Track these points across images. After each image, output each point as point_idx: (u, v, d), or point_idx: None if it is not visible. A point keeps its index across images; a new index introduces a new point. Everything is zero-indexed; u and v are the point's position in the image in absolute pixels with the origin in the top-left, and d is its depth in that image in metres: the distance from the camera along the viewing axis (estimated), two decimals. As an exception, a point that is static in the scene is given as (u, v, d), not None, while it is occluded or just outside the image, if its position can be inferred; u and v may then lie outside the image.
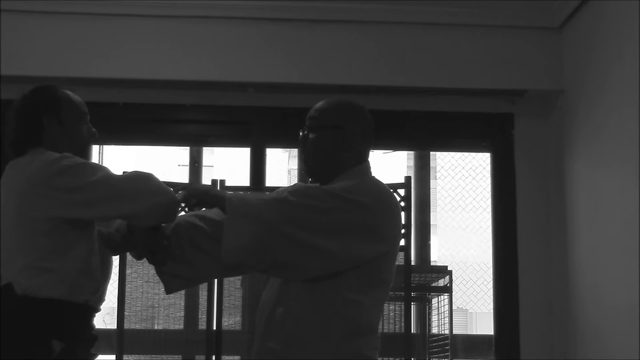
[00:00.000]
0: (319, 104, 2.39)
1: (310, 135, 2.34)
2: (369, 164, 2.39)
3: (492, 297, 4.37)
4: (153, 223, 2.36)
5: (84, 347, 2.35)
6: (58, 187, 2.24)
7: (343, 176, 2.32)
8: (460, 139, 4.53)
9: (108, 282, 2.49)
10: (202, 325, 3.94)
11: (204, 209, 2.45)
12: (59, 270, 2.24)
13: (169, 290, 2.50)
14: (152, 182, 2.31)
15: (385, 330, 3.85)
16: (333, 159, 2.33)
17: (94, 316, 2.41)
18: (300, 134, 2.38)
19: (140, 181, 2.30)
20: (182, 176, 6.43)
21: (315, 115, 2.36)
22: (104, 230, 2.45)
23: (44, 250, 2.25)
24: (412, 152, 4.84)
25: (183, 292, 4.09)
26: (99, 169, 2.32)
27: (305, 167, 2.40)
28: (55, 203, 2.24)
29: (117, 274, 3.67)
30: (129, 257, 3.29)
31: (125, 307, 3.81)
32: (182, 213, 2.58)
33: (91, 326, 2.40)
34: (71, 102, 2.45)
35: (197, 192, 2.33)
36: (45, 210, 2.24)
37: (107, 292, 2.59)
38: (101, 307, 2.46)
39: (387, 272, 2.30)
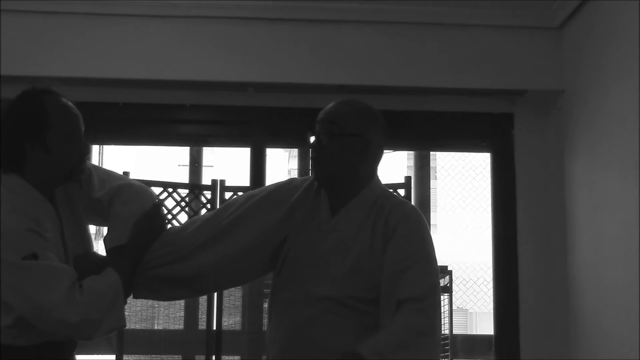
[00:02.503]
0: (337, 107, 2.21)
1: (327, 142, 2.17)
2: (378, 176, 2.27)
3: (492, 297, 4.37)
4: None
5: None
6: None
7: (362, 195, 2.20)
8: (460, 139, 4.52)
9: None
10: (202, 325, 3.94)
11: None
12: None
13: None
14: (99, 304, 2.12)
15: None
16: (350, 170, 2.19)
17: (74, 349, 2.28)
18: (313, 137, 2.22)
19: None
20: (182, 176, 6.43)
21: (336, 121, 2.18)
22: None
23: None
24: (412, 152, 4.85)
25: (183, 292, 4.09)
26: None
27: (315, 174, 2.22)
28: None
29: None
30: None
31: (125, 307, 3.80)
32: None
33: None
34: (60, 121, 2.16)
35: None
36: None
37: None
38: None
39: None
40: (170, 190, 3.95)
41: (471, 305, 5.05)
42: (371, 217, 2.19)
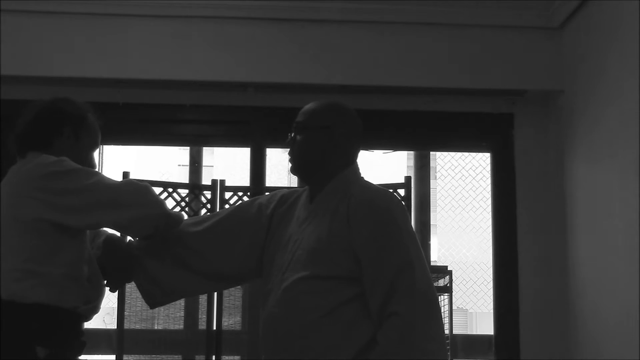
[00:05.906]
0: (307, 106, 2.40)
1: (298, 137, 2.35)
2: (357, 166, 2.38)
3: (492, 297, 4.37)
4: (140, 234, 2.34)
5: (72, 353, 2.29)
6: (48, 189, 2.20)
7: (335, 182, 2.31)
8: (460, 139, 4.52)
9: (103, 293, 2.41)
10: (202, 325, 3.94)
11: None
12: (46, 273, 2.19)
13: (152, 305, 2.54)
14: (145, 193, 2.29)
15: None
16: (319, 159, 2.32)
17: (83, 323, 2.35)
18: (289, 136, 2.38)
19: (132, 191, 2.28)
20: (182, 176, 6.43)
21: (302, 117, 2.36)
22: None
23: (32, 253, 2.19)
24: (412, 152, 4.84)
25: (183, 292, 4.08)
26: (93, 174, 2.28)
27: (291, 167, 2.38)
28: (44, 205, 2.19)
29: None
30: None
31: (125, 307, 3.81)
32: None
33: (80, 332, 2.33)
34: (93, 128, 2.45)
35: None
36: (35, 212, 2.19)
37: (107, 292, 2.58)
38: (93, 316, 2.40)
39: None
40: (170, 190, 3.95)
41: (471, 305, 5.04)
42: (340, 202, 2.27)
